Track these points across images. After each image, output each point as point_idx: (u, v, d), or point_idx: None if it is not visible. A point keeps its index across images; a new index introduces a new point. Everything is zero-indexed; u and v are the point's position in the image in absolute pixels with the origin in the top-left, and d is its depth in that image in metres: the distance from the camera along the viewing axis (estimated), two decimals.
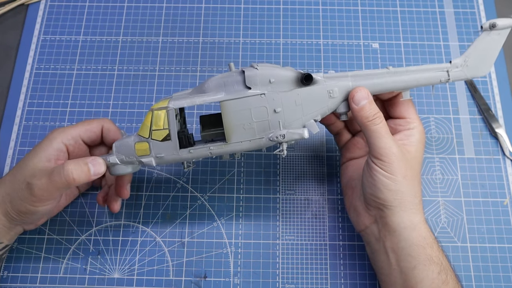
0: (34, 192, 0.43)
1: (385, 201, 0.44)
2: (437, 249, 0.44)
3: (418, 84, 0.46)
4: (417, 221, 0.44)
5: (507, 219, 0.54)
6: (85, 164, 0.44)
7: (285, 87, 0.44)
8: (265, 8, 0.66)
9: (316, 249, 0.53)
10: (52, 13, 0.66)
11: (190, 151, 0.45)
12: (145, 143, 0.45)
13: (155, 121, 0.44)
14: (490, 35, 0.45)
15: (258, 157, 0.57)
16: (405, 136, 0.47)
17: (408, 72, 0.45)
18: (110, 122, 0.50)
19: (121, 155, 0.45)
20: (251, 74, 0.44)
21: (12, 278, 0.52)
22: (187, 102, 0.44)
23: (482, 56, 0.46)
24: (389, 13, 0.66)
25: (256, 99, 0.44)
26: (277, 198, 0.55)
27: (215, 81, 0.44)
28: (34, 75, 0.62)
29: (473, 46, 0.46)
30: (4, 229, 0.46)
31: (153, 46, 0.64)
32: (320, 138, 0.58)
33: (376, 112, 0.44)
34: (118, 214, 0.55)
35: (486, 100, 0.60)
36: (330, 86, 0.45)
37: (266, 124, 0.44)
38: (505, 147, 0.57)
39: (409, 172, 0.44)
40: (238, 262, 0.53)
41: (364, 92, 0.44)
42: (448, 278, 0.43)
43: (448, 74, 0.46)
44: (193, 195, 0.56)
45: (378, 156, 0.44)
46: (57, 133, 0.47)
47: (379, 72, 0.46)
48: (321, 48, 0.63)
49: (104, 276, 0.52)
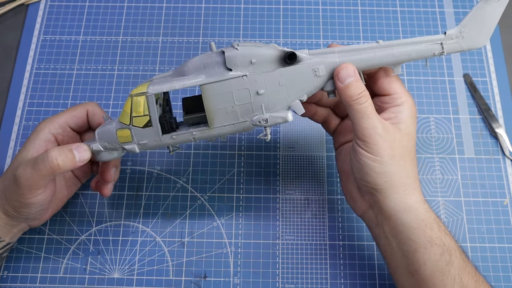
0: (20, 183, 0.42)
1: (374, 184, 0.42)
2: (438, 229, 0.42)
3: (410, 58, 0.43)
4: (412, 202, 0.42)
5: (507, 219, 0.54)
6: (70, 151, 0.43)
7: (268, 67, 0.42)
8: (265, 8, 0.66)
9: (316, 249, 0.53)
10: (52, 13, 0.66)
11: (172, 137, 0.44)
12: (127, 130, 0.43)
13: (135, 108, 0.43)
14: (489, 2, 0.42)
15: (258, 157, 0.57)
16: (393, 113, 0.43)
17: (399, 45, 0.42)
18: (95, 105, 0.49)
19: (104, 142, 0.44)
20: (231, 55, 0.41)
21: (12, 278, 0.52)
22: (166, 87, 0.42)
23: (480, 26, 0.42)
24: (389, 13, 0.66)
25: (237, 81, 0.42)
26: (277, 198, 0.55)
27: (195, 63, 0.42)
28: (34, 75, 0.62)
29: (470, 16, 0.42)
30: (6, 227, 0.46)
31: (153, 46, 0.64)
32: (320, 138, 0.58)
33: (362, 91, 0.42)
34: (118, 214, 0.55)
35: (486, 100, 0.60)
36: (315, 64, 0.42)
37: (249, 107, 0.43)
38: (505, 147, 0.57)
39: (397, 151, 0.42)
40: (238, 262, 0.53)
41: (350, 69, 0.42)
42: (452, 259, 0.41)
43: (442, 47, 0.42)
44: (193, 195, 0.56)
45: (362, 137, 0.42)
46: (44, 124, 0.47)
47: (368, 47, 0.43)
48: (321, 48, 0.63)
49: (104, 276, 0.52)
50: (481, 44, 0.43)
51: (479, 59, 0.63)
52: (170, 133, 0.44)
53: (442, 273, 0.41)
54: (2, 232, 0.46)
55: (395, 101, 0.44)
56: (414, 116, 0.44)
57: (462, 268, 0.41)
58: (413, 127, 0.44)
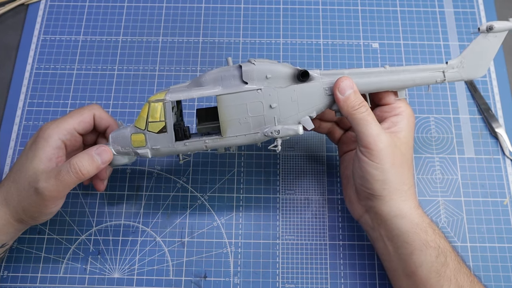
0: (44, 196, 0.43)
1: (373, 191, 0.44)
2: (433, 233, 0.44)
3: (415, 84, 0.46)
4: (407, 209, 0.44)
5: (507, 219, 0.54)
6: (91, 156, 0.44)
7: (282, 83, 0.44)
8: (265, 8, 0.66)
9: (316, 249, 0.53)
10: (52, 13, 0.66)
11: (185, 144, 0.45)
12: (141, 134, 0.45)
13: (152, 113, 0.44)
14: (487, 37, 0.45)
15: (258, 157, 0.57)
16: (393, 122, 0.46)
17: (405, 71, 0.46)
18: (99, 109, 0.49)
19: (117, 146, 0.46)
20: (248, 69, 0.44)
21: (12, 278, 0.52)
22: (184, 95, 0.45)
23: (478, 58, 0.46)
24: (389, 13, 0.66)
25: (252, 94, 0.44)
26: (277, 197, 0.55)
27: (213, 75, 0.45)
28: (34, 75, 0.62)
29: (469, 48, 0.46)
30: (15, 232, 0.47)
31: (153, 46, 0.64)
32: (320, 138, 0.58)
33: (361, 101, 0.44)
34: (118, 214, 0.55)
35: (486, 100, 0.60)
36: (326, 83, 0.45)
37: (262, 119, 0.45)
38: (505, 147, 0.57)
39: (397, 158, 0.44)
40: (238, 262, 0.53)
41: (349, 82, 0.44)
42: (447, 260, 0.43)
43: (444, 75, 0.46)
44: (193, 195, 0.56)
45: (365, 144, 0.44)
46: (51, 130, 0.46)
47: (376, 71, 0.46)
48: (321, 48, 0.63)
49: (104, 276, 0.52)
50: (480, 75, 0.46)
51: None
52: (183, 140, 0.45)
53: (438, 274, 0.43)
54: (10, 238, 0.47)
55: (394, 110, 0.46)
56: (413, 125, 0.46)
57: (457, 269, 0.43)
58: (411, 136, 0.46)
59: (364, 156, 0.44)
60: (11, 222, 0.45)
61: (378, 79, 0.45)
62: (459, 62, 0.46)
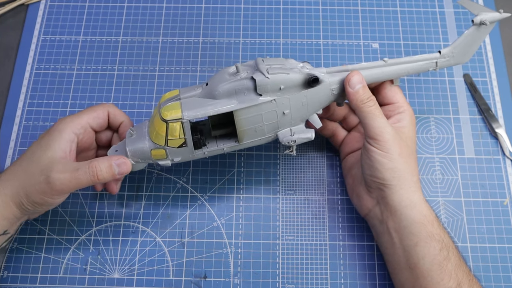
0: (55, 186, 0.44)
1: (384, 180, 0.46)
2: (438, 226, 0.45)
3: (409, 73, 0.50)
4: (416, 199, 0.46)
5: (507, 219, 0.54)
6: (111, 165, 0.45)
7: (293, 91, 0.47)
8: (265, 8, 0.66)
9: (316, 249, 0.53)
10: (52, 13, 0.66)
11: (205, 153, 0.48)
12: (162, 149, 0.47)
13: (171, 132, 0.46)
14: (479, 29, 0.49)
15: (258, 157, 0.57)
16: (396, 120, 0.49)
17: (402, 63, 0.49)
18: (113, 107, 0.51)
19: (137, 158, 0.47)
20: (263, 83, 0.45)
21: (12, 278, 0.52)
22: (201, 113, 0.46)
23: (468, 47, 0.50)
24: (389, 13, 0.66)
25: (267, 105, 0.46)
26: (277, 198, 0.55)
27: (226, 87, 0.46)
28: (34, 75, 0.62)
29: (462, 38, 0.49)
30: (13, 219, 0.47)
31: (153, 46, 0.64)
32: (320, 138, 0.58)
33: (370, 96, 0.47)
34: (118, 214, 0.55)
35: (486, 100, 0.60)
36: (332, 83, 0.48)
37: (276, 125, 0.48)
38: (505, 147, 0.57)
39: (404, 150, 0.46)
40: (238, 262, 0.53)
41: (359, 77, 0.47)
42: (450, 255, 0.44)
43: (436, 64, 0.50)
44: (193, 195, 0.56)
45: (373, 135, 0.46)
46: (65, 123, 0.47)
47: (377, 65, 0.49)
48: (321, 48, 0.63)
49: (104, 276, 0.52)
50: (465, 61, 0.51)
51: (479, 59, 0.63)
52: (202, 148, 0.48)
53: (440, 266, 0.44)
54: (10, 224, 0.47)
55: (398, 109, 0.50)
56: (414, 123, 0.50)
57: (458, 265, 0.44)
58: (414, 132, 0.49)
59: (372, 147, 0.46)
60: (10, 205, 0.45)
61: (378, 71, 0.49)
62: (451, 52, 0.50)
